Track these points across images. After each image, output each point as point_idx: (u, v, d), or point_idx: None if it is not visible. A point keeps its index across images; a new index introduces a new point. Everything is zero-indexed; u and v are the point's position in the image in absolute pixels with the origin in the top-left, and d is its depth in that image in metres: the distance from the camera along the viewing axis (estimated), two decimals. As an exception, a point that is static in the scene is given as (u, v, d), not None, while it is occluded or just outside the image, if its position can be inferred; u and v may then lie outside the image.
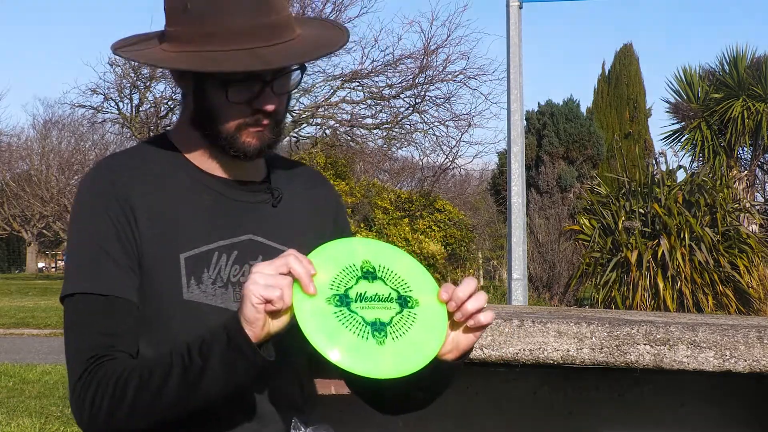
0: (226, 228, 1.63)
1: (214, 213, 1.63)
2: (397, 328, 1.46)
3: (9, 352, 12.10)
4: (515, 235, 7.16)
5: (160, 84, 23.11)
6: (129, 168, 1.62)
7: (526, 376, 2.64)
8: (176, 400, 1.48)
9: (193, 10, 1.57)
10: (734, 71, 22.46)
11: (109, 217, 1.58)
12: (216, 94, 1.59)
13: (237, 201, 1.66)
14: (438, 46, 21.52)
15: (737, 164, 22.64)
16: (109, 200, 1.58)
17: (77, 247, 1.60)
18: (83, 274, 1.57)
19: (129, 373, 1.50)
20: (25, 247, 50.37)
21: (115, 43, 1.69)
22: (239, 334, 1.43)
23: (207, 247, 1.60)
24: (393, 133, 23.04)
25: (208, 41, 1.56)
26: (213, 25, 1.56)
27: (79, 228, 1.61)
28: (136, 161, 1.65)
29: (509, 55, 7.40)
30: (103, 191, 1.60)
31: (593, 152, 24.02)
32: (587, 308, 11.14)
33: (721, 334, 2.38)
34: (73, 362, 1.55)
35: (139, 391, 1.48)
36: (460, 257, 20.14)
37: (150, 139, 1.74)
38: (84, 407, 1.51)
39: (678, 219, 10.47)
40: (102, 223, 1.58)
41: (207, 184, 1.65)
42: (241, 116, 1.60)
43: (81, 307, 1.56)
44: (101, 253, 1.57)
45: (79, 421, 1.54)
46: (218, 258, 1.60)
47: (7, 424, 7.09)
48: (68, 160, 40.97)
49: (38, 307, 20.19)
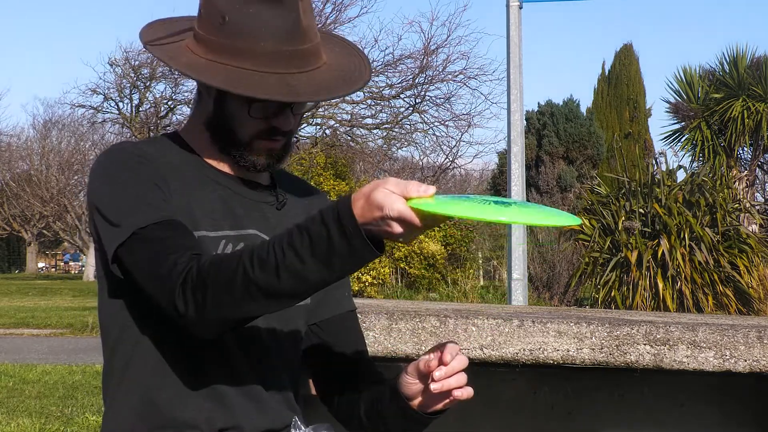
0: (233, 220, 1.67)
1: (223, 205, 1.67)
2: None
3: (9, 352, 12.09)
4: (515, 235, 7.16)
5: (160, 84, 23.14)
6: (150, 152, 1.66)
7: (526, 376, 2.64)
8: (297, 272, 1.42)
9: (231, 25, 1.60)
10: (734, 71, 22.47)
11: (148, 172, 1.60)
12: (238, 107, 1.64)
13: (244, 198, 1.70)
14: (438, 46, 21.54)
15: (737, 164, 22.64)
16: (142, 161, 1.61)
17: (119, 196, 1.57)
18: (136, 213, 1.55)
19: (233, 259, 1.46)
20: (25, 247, 50.37)
21: (145, 33, 1.71)
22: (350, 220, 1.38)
23: (215, 233, 1.64)
24: (393, 133, 23.06)
25: (240, 58, 1.60)
26: (248, 44, 1.59)
27: (115, 181, 1.59)
28: (154, 149, 1.68)
29: (509, 55, 7.40)
30: (136, 153, 1.62)
31: (593, 152, 24.03)
32: (587, 308, 11.14)
33: (721, 334, 2.38)
34: (160, 271, 1.49)
35: (254, 270, 1.43)
36: (460, 257, 20.14)
37: (161, 134, 1.78)
38: (188, 299, 1.46)
39: (678, 219, 10.48)
40: (142, 174, 1.59)
41: (217, 179, 1.69)
42: (256, 129, 1.65)
43: (151, 236, 1.53)
44: (150, 195, 1.57)
45: (183, 313, 1.48)
46: (224, 246, 1.64)
47: (7, 424, 7.09)
48: (68, 160, 40.97)
49: (38, 307, 20.19)
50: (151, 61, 22.42)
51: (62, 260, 60.24)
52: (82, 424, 7.15)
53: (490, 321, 2.40)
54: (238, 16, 1.60)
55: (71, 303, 21.85)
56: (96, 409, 7.72)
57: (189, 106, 23.09)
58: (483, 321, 2.39)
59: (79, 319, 16.33)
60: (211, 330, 1.49)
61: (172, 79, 22.72)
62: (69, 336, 14.77)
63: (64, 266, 59.18)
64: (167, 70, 22.44)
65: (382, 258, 18.11)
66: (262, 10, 1.59)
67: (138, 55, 22.58)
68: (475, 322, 2.39)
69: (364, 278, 17.60)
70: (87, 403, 8.08)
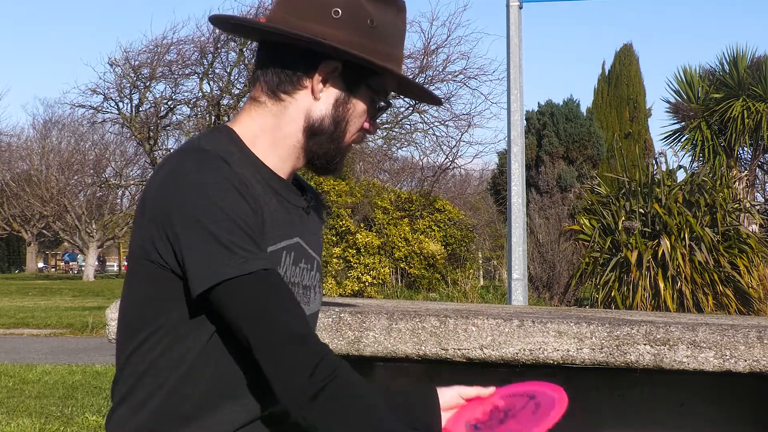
0: (287, 229, 1.69)
1: (280, 213, 1.68)
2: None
3: (9, 352, 12.09)
4: (515, 235, 7.15)
5: (159, 84, 23.13)
6: (232, 161, 1.62)
7: (526, 376, 2.64)
8: None
9: (379, 28, 1.67)
10: (734, 71, 22.45)
11: (244, 199, 1.57)
12: (362, 106, 1.69)
13: (290, 203, 1.72)
14: (438, 46, 21.53)
15: (737, 164, 22.63)
16: (238, 184, 1.58)
17: (224, 226, 1.53)
18: (251, 252, 1.54)
19: (366, 405, 1.53)
20: (25, 247, 50.36)
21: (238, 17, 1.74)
22: None
23: (277, 246, 1.65)
24: (393, 133, 23.05)
25: (387, 60, 1.68)
26: (390, 49, 1.68)
27: (216, 206, 1.53)
28: (225, 153, 1.64)
29: (509, 55, 7.39)
30: (229, 175, 1.58)
31: (593, 152, 24.00)
32: (587, 308, 11.13)
33: (721, 334, 2.38)
34: (292, 328, 1.51)
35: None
36: (460, 257, 20.12)
37: (219, 130, 1.72)
38: (324, 406, 1.50)
39: (678, 219, 10.47)
40: (242, 201, 1.56)
41: (273, 185, 1.69)
42: (356, 132, 1.71)
43: (281, 284, 1.55)
44: (252, 234, 1.56)
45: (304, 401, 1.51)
46: (285, 257, 1.67)
47: (7, 424, 7.09)
48: (68, 160, 40.96)
49: (38, 307, 20.18)
50: (150, 61, 22.39)
51: (62, 260, 60.23)
52: (82, 424, 7.14)
53: (490, 321, 2.40)
54: (383, 22, 1.67)
55: (71, 303, 21.84)
56: (96, 409, 7.72)
57: (189, 105, 23.09)
58: (483, 321, 2.39)
59: (79, 319, 16.33)
60: None
61: (172, 79, 22.71)
62: (69, 336, 14.76)
63: (64, 266, 59.18)
64: (167, 70, 22.41)
65: (382, 258, 18.10)
66: (398, 19, 1.70)
67: (138, 55, 22.58)
68: (475, 322, 2.39)
69: (364, 278, 17.59)
70: (87, 403, 8.08)
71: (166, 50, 21.94)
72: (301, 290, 1.70)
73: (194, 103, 22.76)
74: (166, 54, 22.08)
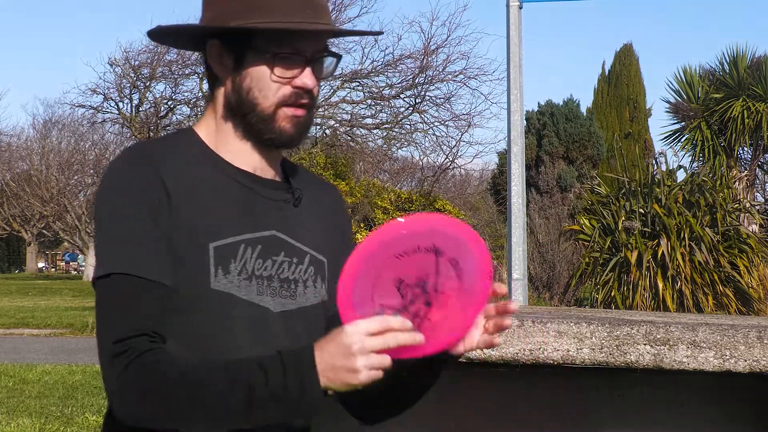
0: (252, 222, 1.66)
1: (241, 206, 1.66)
2: None
3: (9, 352, 12.10)
4: (515, 235, 7.14)
5: (159, 84, 23.12)
6: (163, 154, 1.64)
7: (526, 376, 2.64)
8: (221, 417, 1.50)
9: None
10: (734, 71, 22.46)
11: (146, 199, 1.59)
12: (259, 70, 1.64)
13: (263, 197, 1.69)
14: (438, 46, 21.52)
15: (737, 164, 22.64)
16: (146, 182, 1.60)
17: (112, 226, 1.59)
18: (120, 254, 1.57)
19: (175, 375, 1.51)
20: (25, 247, 50.37)
21: (152, 29, 1.74)
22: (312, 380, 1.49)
23: (234, 239, 1.63)
24: (393, 133, 23.05)
25: (252, 15, 1.62)
26: (251, 1, 1.63)
27: (113, 208, 1.60)
28: (169, 149, 1.67)
29: (509, 55, 7.38)
30: (140, 173, 1.60)
31: (593, 152, 24.00)
32: (587, 308, 11.14)
33: (721, 334, 2.38)
34: (107, 339, 1.55)
35: (185, 399, 1.50)
36: (460, 257, 20.08)
37: (177, 132, 1.76)
38: (123, 391, 1.52)
39: (678, 219, 10.47)
40: (138, 204, 1.58)
41: (235, 177, 1.68)
42: (281, 94, 1.65)
43: (119, 288, 1.56)
44: (138, 233, 1.58)
45: (111, 394, 1.55)
46: (244, 250, 1.63)
47: (7, 424, 7.09)
48: (68, 160, 40.95)
49: (38, 307, 20.19)
50: (150, 61, 22.41)
51: (62, 260, 60.24)
52: (82, 424, 7.15)
53: (490, 321, 2.39)
54: None
55: (71, 303, 21.84)
56: (96, 409, 7.72)
57: (189, 105, 23.09)
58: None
59: (79, 319, 16.34)
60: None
61: (172, 79, 22.71)
62: (69, 336, 14.77)
63: (64, 266, 59.19)
64: (167, 70, 22.43)
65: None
66: None
67: (138, 55, 22.58)
68: (475, 322, 2.39)
69: (364, 278, 17.58)
70: (87, 403, 8.08)
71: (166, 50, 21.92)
72: (276, 284, 1.66)
73: (194, 103, 22.75)
74: (166, 54, 22.07)
